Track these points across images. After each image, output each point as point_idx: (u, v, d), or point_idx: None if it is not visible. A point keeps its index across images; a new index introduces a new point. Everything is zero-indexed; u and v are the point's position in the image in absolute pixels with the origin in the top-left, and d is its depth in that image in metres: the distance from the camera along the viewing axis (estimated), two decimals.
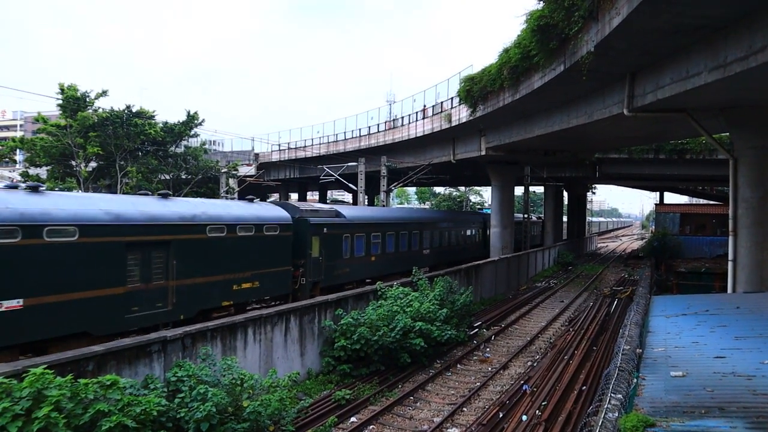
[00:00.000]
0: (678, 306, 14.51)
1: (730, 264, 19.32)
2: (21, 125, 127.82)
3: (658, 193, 77.13)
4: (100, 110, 41.21)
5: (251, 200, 21.96)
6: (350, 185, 44.38)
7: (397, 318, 17.96)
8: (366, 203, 46.26)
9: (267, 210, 21.28)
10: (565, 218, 74.82)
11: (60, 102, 40.86)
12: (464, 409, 15.15)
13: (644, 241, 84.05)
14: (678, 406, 7.18)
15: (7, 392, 8.62)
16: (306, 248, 22.43)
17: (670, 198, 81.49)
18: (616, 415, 7.13)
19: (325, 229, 23.84)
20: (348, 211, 27.19)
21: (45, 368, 9.09)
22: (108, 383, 9.46)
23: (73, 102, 40.56)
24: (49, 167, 42.50)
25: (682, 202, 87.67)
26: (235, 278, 18.29)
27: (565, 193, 70.55)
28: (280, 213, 21.52)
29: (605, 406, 7.31)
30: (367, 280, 26.87)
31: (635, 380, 8.33)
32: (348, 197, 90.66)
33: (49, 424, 8.41)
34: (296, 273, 21.90)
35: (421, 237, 33.65)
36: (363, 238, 27.06)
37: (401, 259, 30.86)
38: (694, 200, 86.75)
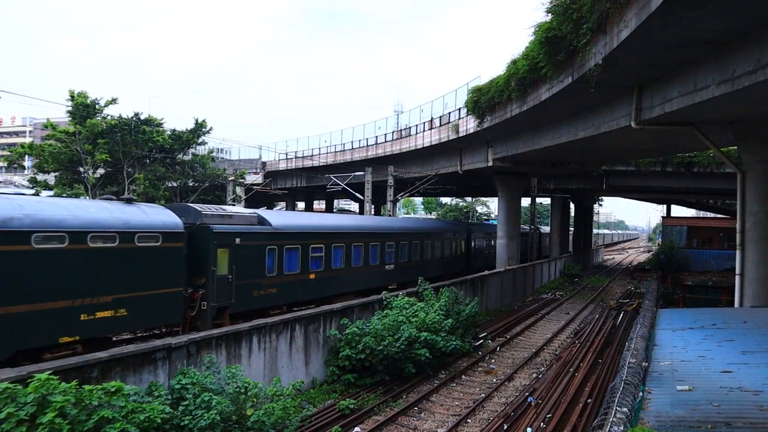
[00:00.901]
0: (685, 319, 14.43)
1: (737, 278, 19.21)
2: (30, 131, 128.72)
3: (665, 205, 76.91)
4: (109, 117, 41.46)
5: (129, 200, 17.00)
6: (357, 195, 44.48)
7: (402, 328, 17.91)
8: (372, 213, 46.28)
9: (146, 214, 16.44)
10: (571, 230, 74.62)
11: (70, 109, 41.15)
12: (468, 420, 15.07)
13: (651, 253, 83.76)
14: (684, 420, 7.13)
15: (12, 397, 8.64)
16: (208, 264, 17.85)
17: (678, 211, 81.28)
18: (622, 428, 7.08)
19: (237, 240, 18.99)
20: (277, 218, 22.31)
21: (50, 374, 9.11)
22: (112, 390, 9.47)
23: (82, 109, 40.83)
24: (57, 173, 42.74)
25: (690, 215, 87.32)
26: (84, 305, 13.95)
27: (572, 205, 70.40)
28: (165, 218, 16.78)
29: (610, 420, 7.26)
30: (308, 305, 22.22)
31: (641, 394, 8.28)
32: (355, 206, 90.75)
33: (53, 430, 8.42)
34: (195, 295, 17.61)
35: (383, 250, 28.61)
36: (297, 251, 21.96)
37: (355, 276, 26.04)
38: (702, 213, 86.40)
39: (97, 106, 41.95)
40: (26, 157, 47.06)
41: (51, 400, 8.68)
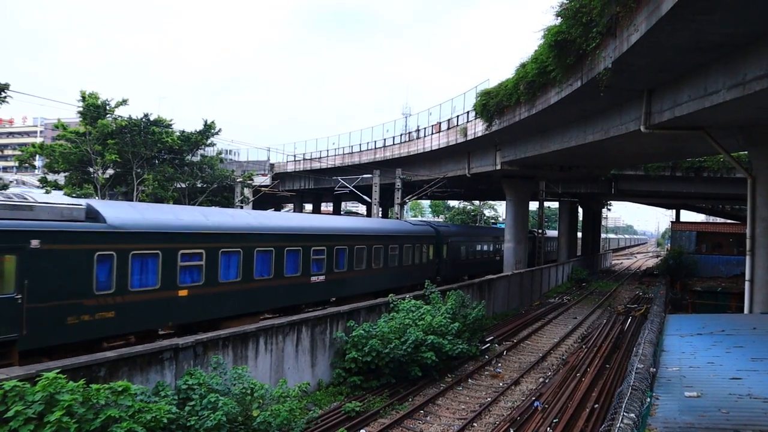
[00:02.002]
0: (693, 325, 14.33)
1: (747, 284, 19.08)
2: (41, 131, 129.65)
3: (674, 210, 76.59)
4: (119, 118, 41.70)
5: None
6: (364, 197, 44.49)
7: (408, 331, 17.89)
8: (380, 215, 46.29)
9: None
10: (579, 234, 74.35)
11: (81, 109, 41.42)
12: (474, 424, 15.03)
13: (659, 258, 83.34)
14: (692, 427, 7.07)
15: (21, 396, 8.69)
16: None
17: (687, 216, 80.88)
18: None
19: (36, 242, 13.14)
20: (122, 213, 15.92)
21: (58, 372, 9.16)
22: (119, 389, 9.51)
23: (93, 110, 41.07)
24: (67, 173, 43.01)
25: (699, 220, 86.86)
26: None
27: (580, 209, 70.17)
28: None
29: (618, 425, 7.21)
30: (170, 330, 17.62)
31: (649, 399, 8.22)
32: (362, 209, 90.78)
33: (61, 429, 8.47)
34: None
35: (307, 258, 22.05)
36: (156, 259, 16.00)
37: (257, 292, 19.57)
38: (711, 219, 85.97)
39: (107, 107, 42.19)
40: (37, 156, 47.34)
41: (58, 398, 8.73)
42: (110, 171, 43.38)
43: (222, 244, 18.18)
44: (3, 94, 35.10)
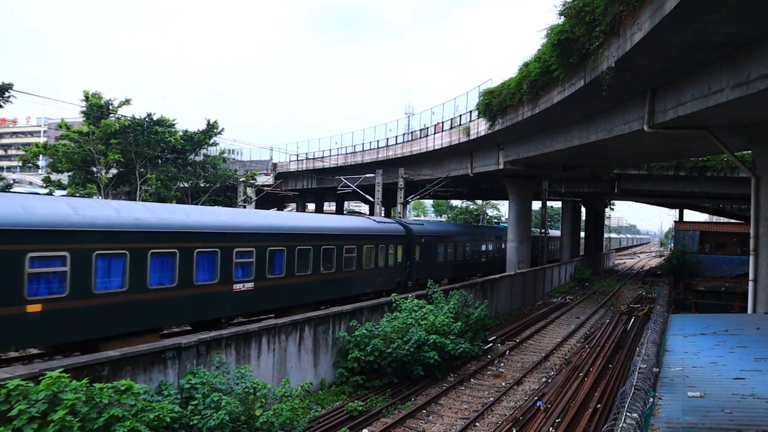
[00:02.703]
0: (696, 325, 14.29)
1: (750, 284, 19.01)
2: (44, 131, 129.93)
3: (677, 210, 76.44)
4: (122, 118, 41.78)
5: None
6: (367, 197, 44.49)
7: (411, 330, 17.90)
8: (383, 215, 46.28)
9: None
10: (582, 234, 74.24)
11: (84, 109, 41.50)
12: (477, 424, 15.03)
13: (663, 258, 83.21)
14: (695, 427, 7.05)
15: (24, 395, 8.71)
16: None
17: (690, 215, 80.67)
18: None
19: None
20: None
21: (61, 371, 9.18)
22: (122, 388, 9.53)
23: (96, 109, 41.14)
24: (70, 173, 43.11)
25: (703, 219, 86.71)
26: None
27: (583, 209, 70.09)
28: None
29: (620, 425, 7.20)
30: None
31: (651, 400, 8.21)
32: (365, 208, 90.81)
33: (64, 428, 8.48)
34: None
35: (228, 261, 17.97)
36: None
37: (153, 303, 15.67)
38: (715, 218, 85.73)
39: (110, 107, 42.26)
40: (40, 156, 47.44)
41: (62, 397, 8.74)
42: (113, 171, 43.47)
43: (87, 244, 14.11)
44: (6, 94, 35.17)
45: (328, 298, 23.40)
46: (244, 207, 46.78)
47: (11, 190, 36.10)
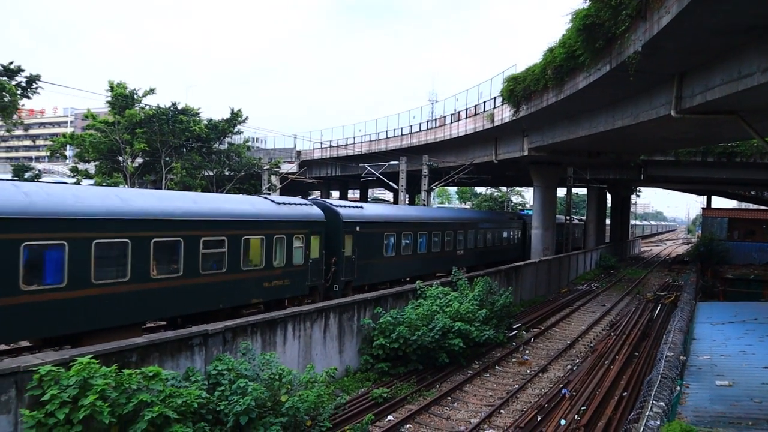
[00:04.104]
0: (725, 313, 14.11)
1: None
2: (71, 122, 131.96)
3: (705, 196, 75.19)
4: (147, 107, 42.26)
5: None
6: (391, 184, 44.43)
7: (436, 318, 17.92)
8: (407, 202, 46.20)
9: None
10: (608, 221, 73.47)
11: (109, 99, 42.04)
12: (502, 411, 15.03)
13: (690, 245, 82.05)
14: (723, 416, 6.99)
15: (56, 380, 8.92)
16: None
17: (718, 202, 79.38)
18: (658, 422, 6.97)
19: None
20: None
21: (91, 358, 9.37)
22: (151, 374, 9.70)
23: (121, 99, 41.65)
24: (97, 162, 43.78)
25: (731, 206, 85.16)
26: None
27: (609, 195, 69.28)
28: None
29: (647, 413, 7.15)
30: None
31: (678, 388, 8.14)
32: (389, 196, 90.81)
33: (95, 412, 8.67)
34: None
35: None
36: None
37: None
38: (744, 205, 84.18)
39: (135, 97, 42.75)
40: (67, 146, 48.25)
41: (92, 383, 8.93)
42: (139, 160, 44.05)
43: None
44: (34, 86, 35.76)
45: (159, 316, 16.57)
46: (269, 194, 47.12)
47: (40, 179, 36.80)
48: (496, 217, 43.94)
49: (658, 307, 30.13)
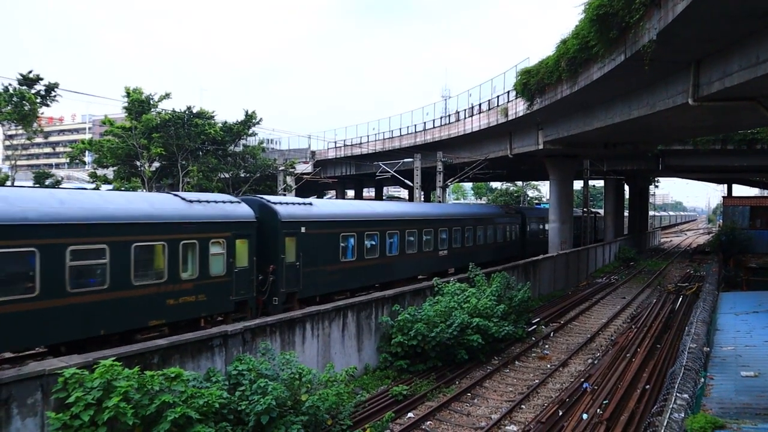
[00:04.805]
0: (748, 303, 13.91)
1: None
2: (89, 128, 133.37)
3: (725, 185, 74.20)
4: (163, 112, 42.63)
5: None
6: (406, 181, 44.43)
7: (454, 314, 17.86)
8: (422, 199, 46.10)
9: None
10: (626, 212, 72.81)
11: (126, 105, 42.46)
12: (522, 406, 14.95)
13: (711, 235, 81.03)
14: (749, 407, 6.88)
15: (80, 382, 9.03)
16: None
17: (739, 190, 78.33)
18: (682, 415, 6.88)
19: None
20: None
21: (114, 360, 9.47)
22: (172, 375, 9.79)
23: (137, 105, 42.04)
24: (115, 168, 44.25)
25: (753, 194, 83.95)
26: None
27: (626, 187, 68.63)
28: None
29: (670, 406, 7.06)
30: None
31: (702, 380, 8.03)
32: (404, 193, 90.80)
33: (118, 414, 8.77)
34: None
35: None
36: None
37: None
38: (766, 192, 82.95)
39: (151, 102, 43.13)
40: (86, 152, 48.85)
41: (116, 385, 9.04)
42: (156, 164, 44.43)
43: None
44: (53, 94, 36.21)
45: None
46: (284, 195, 47.29)
47: (61, 186, 37.25)
48: (488, 211, 39.55)
49: (680, 299, 29.79)
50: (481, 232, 34.76)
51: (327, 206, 24.25)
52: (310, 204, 22.38)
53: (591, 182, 60.69)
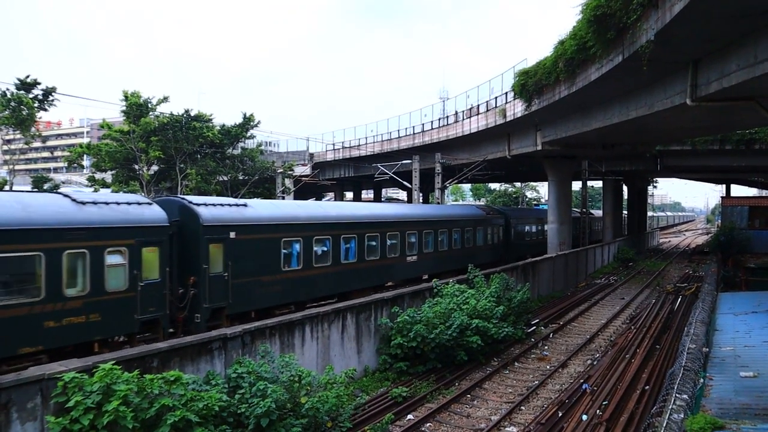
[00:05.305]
0: (747, 303, 13.92)
1: None
2: (87, 132, 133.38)
3: (724, 185, 74.28)
4: (161, 115, 42.62)
5: None
6: (405, 183, 44.42)
7: (453, 315, 17.86)
8: (421, 201, 46.12)
9: None
10: (625, 213, 72.88)
11: (124, 108, 42.45)
12: (522, 407, 14.95)
13: (709, 235, 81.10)
14: (749, 408, 6.89)
15: (79, 386, 9.02)
16: None
17: (738, 191, 78.41)
18: (682, 416, 6.88)
19: None
20: None
21: (113, 364, 9.46)
22: (172, 379, 9.78)
23: (136, 108, 42.03)
24: (113, 171, 44.23)
25: (751, 194, 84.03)
26: None
27: (625, 187, 68.71)
28: None
29: (670, 407, 7.07)
30: None
31: (702, 380, 8.04)
32: (403, 195, 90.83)
33: (118, 418, 8.76)
34: None
35: None
36: None
37: None
38: (764, 193, 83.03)
39: (149, 105, 43.12)
40: (84, 156, 48.81)
41: (115, 389, 9.03)
42: (154, 167, 44.42)
43: None
44: (50, 98, 36.20)
45: None
46: (283, 198, 47.25)
47: (59, 190, 37.27)
48: (465, 212, 36.21)
49: (679, 299, 29.81)
50: (458, 236, 32.20)
51: (266, 208, 21.31)
52: (245, 205, 19.59)
53: (589, 183, 60.73)
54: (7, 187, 35.96)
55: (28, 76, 35.18)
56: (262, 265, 18.76)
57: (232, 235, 17.78)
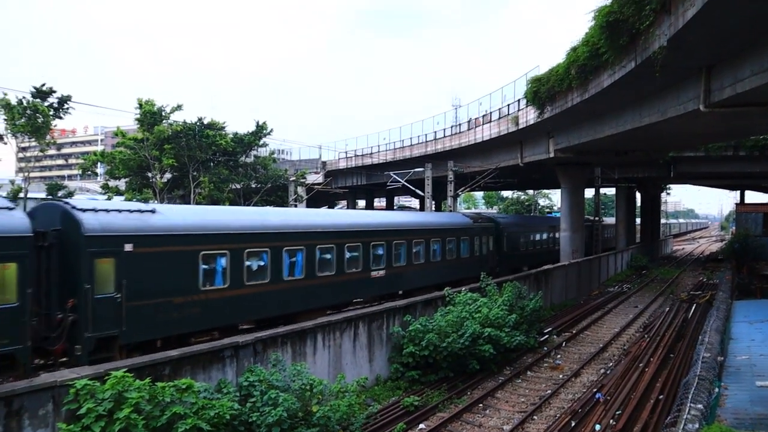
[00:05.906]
0: (763, 311, 13.74)
1: None
2: (101, 140, 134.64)
3: (738, 191, 73.62)
4: (174, 123, 42.91)
5: None
6: (417, 191, 44.37)
7: (465, 324, 17.78)
8: (433, 209, 46.01)
9: None
10: (638, 220, 72.35)
11: (138, 116, 42.78)
12: (535, 417, 14.83)
13: (724, 243, 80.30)
14: (765, 418, 6.78)
15: (91, 394, 9.06)
16: None
17: (752, 197, 77.60)
18: (697, 426, 6.79)
19: None
20: None
21: (125, 371, 9.49)
22: (183, 387, 9.80)
23: (149, 116, 42.36)
24: (127, 179, 44.56)
25: (766, 201, 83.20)
26: None
27: (638, 194, 68.24)
28: None
29: (684, 417, 6.97)
30: None
31: (717, 390, 7.93)
32: (415, 203, 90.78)
33: (130, 425, 8.79)
34: None
35: None
36: None
37: None
38: None
39: (163, 113, 43.44)
40: (98, 164, 49.22)
41: (127, 396, 9.06)
42: (168, 175, 44.69)
43: None
44: (66, 106, 36.57)
45: None
46: (295, 206, 47.36)
47: (74, 197, 37.58)
48: (447, 220, 31.79)
49: (693, 307, 29.51)
50: (438, 247, 28.18)
51: (180, 214, 17.26)
52: (152, 212, 15.73)
53: (602, 190, 60.34)
54: (22, 194, 36.31)
55: (43, 85, 35.54)
56: (172, 284, 15.11)
57: (128, 247, 14.21)
